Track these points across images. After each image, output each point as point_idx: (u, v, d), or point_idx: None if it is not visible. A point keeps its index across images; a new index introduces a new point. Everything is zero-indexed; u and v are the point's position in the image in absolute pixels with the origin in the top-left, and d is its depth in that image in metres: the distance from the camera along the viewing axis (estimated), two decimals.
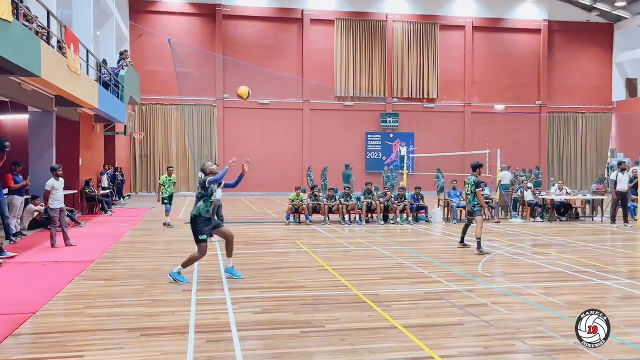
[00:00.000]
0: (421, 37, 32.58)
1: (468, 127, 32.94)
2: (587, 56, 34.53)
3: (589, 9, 33.92)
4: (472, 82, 33.20)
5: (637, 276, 8.90)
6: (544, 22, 33.59)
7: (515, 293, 7.53)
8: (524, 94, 33.73)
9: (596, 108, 34.56)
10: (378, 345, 5.38)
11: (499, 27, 33.53)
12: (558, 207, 17.93)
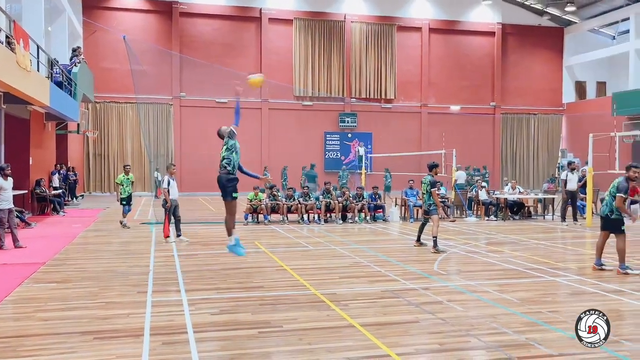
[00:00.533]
0: (379, 38, 32.89)
1: (425, 127, 33.43)
2: (539, 59, 35.52)
3: (540, 13, 34.90)
4: (429, 83, 33.71)
5: (586, 273, 9.21)
6: (498, 26, 34.39)
7: (470, 290, 7.68)
8: (478, 95, 34.45)
9: (547, 110, 35.59)
10: (336, 345, 5.40)
11: (455, 30, 34.16)
12: (511, 206, 18.39)
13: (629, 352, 5.17)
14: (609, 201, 8.99)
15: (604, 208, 9.11)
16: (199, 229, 14.94)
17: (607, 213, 8.99)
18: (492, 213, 18.17)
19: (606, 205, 9.07)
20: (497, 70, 34.52)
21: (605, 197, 9.17)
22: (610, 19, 33.05)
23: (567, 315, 6.45)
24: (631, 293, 7.52)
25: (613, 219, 8.92)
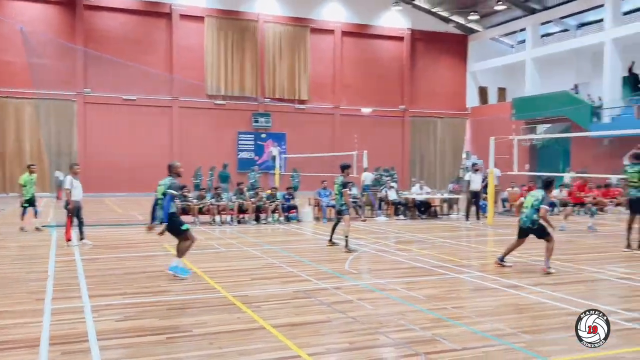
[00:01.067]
0: (292, 39, 33.00)
1: (337, 128, 33.91)
2: (445, 64, 37.03)
3: (446, 21, 36.41)
4: (342, 86, 34.23)
5: (488, 269, 9.67)
6: (408, 31, 35.51)
7: (379, 289, 7.84)
8: (389, 98, 35.39)
9: (453, 113, 37.17)
10: (247, 347, 5.33)
11: (367, 34, 34.90)
12: (419, 205, 19.02)
13: (526, 343, 5.46)
14: (530, 213, 9.04)
15: (525, 220, 9.14)
16: (104, 232, 14.30)
17: (529, 225, 9.09)
18: (401, 212, 18.71)
19: (527, 218, 9.11)
20: (406, 74, 35.63)
21: (524, 209, 9.20)
22: (509, 29, 35.03)
23: (470, 310, 6.73)
24: (528, 288, 7.97)
25: (536, 229, 9.06)
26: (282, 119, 32.77)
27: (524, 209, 9.19)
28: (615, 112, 27.07)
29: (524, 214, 9.18)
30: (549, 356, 5.08)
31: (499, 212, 20.33)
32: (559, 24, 33.24)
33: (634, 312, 6.60)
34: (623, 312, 6.64)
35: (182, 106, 30.94)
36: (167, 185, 8.50)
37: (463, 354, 5.16)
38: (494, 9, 32.61)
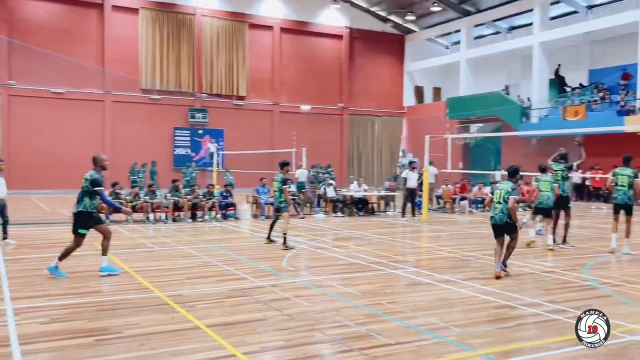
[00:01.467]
0: (230, 34, 32.57)
1: (276, 125, 33.77)
2: (383, 63, 37.55)
3: (384, 20, 36.93)
4: (281, 82, 34.11)
5: (422, 265, 9.88)
6: (346, 29, 35.77)
7: (316, 285, 7.86)
8: (328, 96, 35.56)
9: (390, 112, 37.76)
10: (180, 348, 5.21)
11: (306, 31, 34.90)
12: (357, 202, 19.22)
13: (457, 336, 5.60)
14: (505, 207, 8.49)
15: (501, 216, 8.55)
16: (29, 231, 13.66)
17: (506, 220, 8.53)
18: (339, 210, 18.85)
19: (502, 213, 8.54)
20: (345, 73, 35.90)
21: (497, 205, 8.61)
22: (444, 30, 35.92)
23: (404, 305, 6.85)
24: (460, 282, 8.19)
25: (511, 224, 8.55)
26: (220, 115, 32.30)
27: (496, 204, 8.61)
28: (543, 113, 28.27)
29: (498, 209, 8.59)
30: (477, 348, 5.23)
31: (434, 208, 20.82)
32: (492, 26, 34.39)
33: (557, 304, 6.90)
34: (547, 304, 6.92)
35: (115, 100, 29.94)
36: (88, 179, 8.39)
37: (396, 348, 5.24)
38: (430, 10, 33.34)
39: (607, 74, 27.58)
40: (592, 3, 29.20)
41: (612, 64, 27.56)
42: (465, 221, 17.66)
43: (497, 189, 8.72)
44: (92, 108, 29.53)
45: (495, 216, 8.63)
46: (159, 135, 30.94)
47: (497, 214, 8.60)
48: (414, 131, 36.38)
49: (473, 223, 16.99)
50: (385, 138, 37.65)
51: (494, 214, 8.66)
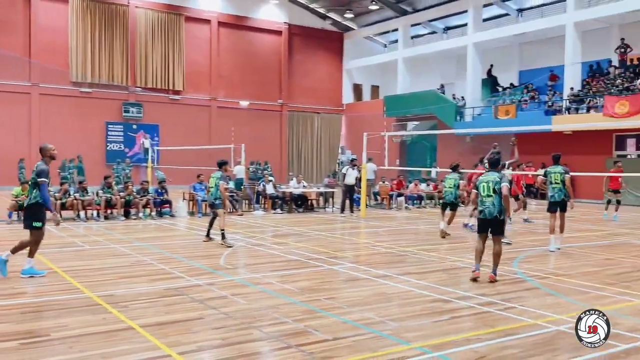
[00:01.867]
0: (166, 27, 31.80)
1: (214, 121, 33.28)
2: (322, 60, 37.69)
3: (323, 17, 37.07)
4: (219, 77, 33.62)
5: (360, 260, 9.99)
6: (285, 25, 35.66)
7: (254, 283, 7.79)
8: (267, 92, 35.35)
9: (329, 109, 37.98)
10: (112, 349, 5.03)
11: (244, 25, 34.54)
12: (296, 199, 19.22)
13: (392, 330, 5.68)
14: (497, 201, 7.81)
15: (492, 209, 7.84)
16: None
17: (496, 215, 7.87)
18: (278, 206, 18.79)
19: (494, 206, 7.82)
20: (284, 69, 35.78)
21: (486, 199, 7.90)
22: (382, 29, 36.44)
23: (342, 300, 6.89)
24: (396, 277, 8.32)
25: (502, 220, 7.94)
26: (155, 110, 31.51)
27: (486, 197, 7.88)
28: (477, 112, 29.17)
29: (488, 202, 7.87)
30: (412, 342, 5.32)
31: (371, 205, 21.10)
32: (428, 26, 35.16)
33: (488, 297, 7.12)
34: (479, 297, 7.14)
35: (42, 93, 28.66)
36: (34, 170, 8.05)
37: (334, 344, 5.25)
38: (368, 8, 33.73)
39: (536, 74, 28.76)
40: (522, 6, 30.35)
41: (541, 65, 28.77)
42: (402, 217, 18.00)
43: (482, 182, 7.99)
44: (19, 101, 28.17)
45: (486, 210, 7.89)
46: (91, 130, 29.87)
47: (487, 207, 7.87)
48: (352, 128, 36.76)
49: (409, 219, 17.33)
50: (324, 135, 37.84)
51: (483, 207, 7.92)
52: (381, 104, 33.96)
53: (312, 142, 37.56)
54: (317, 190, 20.99)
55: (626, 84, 23.42)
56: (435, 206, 21.14)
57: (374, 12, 34.57)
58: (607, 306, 6.70)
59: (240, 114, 33.86)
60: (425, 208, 20.87)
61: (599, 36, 26.18)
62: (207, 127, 33.02)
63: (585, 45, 25.40)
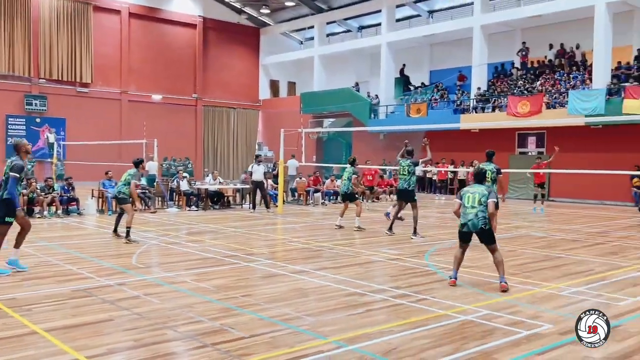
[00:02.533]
0: (72, 17, 30.24)
1: (125, 115, 32.07)
2: (238, 55, 37.25)
3: (239, 12, 36.64)
4: (129, 70, 32.41)
5: (276, 257, 10.00)
6: (199, 18, 34.92)
7: (168, 282, 7.60)
8: (181, 86, 34.50)
9: (246, 104, 37.64)
10: (14, 356, 4.75)
11: (157, 17, 33.49)
12: (212, 196, 18.92)
13: (309, 325, 5.74)
14: (483, 212, 7.43)
15: (476, 221, 7.44)
16: None
17: (482, 226, 7.44)
18: (193, 203, 18.43)
19: (477, 217, 7.45)
20: (199, 63, 35.05)
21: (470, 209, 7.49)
22: (298, 25, 36.56)
23: (259, 297, 6.87)
24: (313, 272, 8.40)
25: (488, 230, 7.48)
26: (61, 103, 29.92)
27: (470, 209, 7.50)
28: (390, 110, 29.95)
29: (472, 214, 7.47)
30: (329, 336, 5.40)
31: (288, 201, 21.17)
32: (343, 24, 35.65)
33: (401, 289, 7.35)
34: (392, 289, 7.36)
35: None
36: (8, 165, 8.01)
37: (250, 341, 5.23)
38: (284, 4, 33.72)
39: (446, 74, 29.93)
40: (433, 8, 31.45)
41: (450, 66, 29.97)
42: (319, 213, 18.19)
43: (467, 192, 7.65)
44: None
45: (469, 222, 7.48)
46: None
47: (471, 219, 7.47)
48: (269, 124, 36.66)
49: (326, 214, 17.54)
50: (241, 130, 37.49)
51: (466, 220, 7.51)
52: (298, 100, 34.09)
53: (228, 138, 37.09)
54: (234, 186, 20.76)
55: (527, 85, 24.87)
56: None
57: (290, 8, 34.60)
58: (510, 295, 7.11)
59: (153, 108, 32.86)
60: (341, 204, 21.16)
61: (504, 39, 27.63)
62: (117, 121, 31.78)
63: (491, 47, 26.73)
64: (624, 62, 22.80)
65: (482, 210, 7.43)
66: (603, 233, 13.56)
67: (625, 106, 19.72)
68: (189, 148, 34.00)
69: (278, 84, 39.29)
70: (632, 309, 6.45)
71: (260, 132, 38.33)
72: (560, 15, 24.48)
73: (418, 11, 31.57)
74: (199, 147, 35.41)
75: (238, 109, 37.23)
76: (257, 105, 38.25)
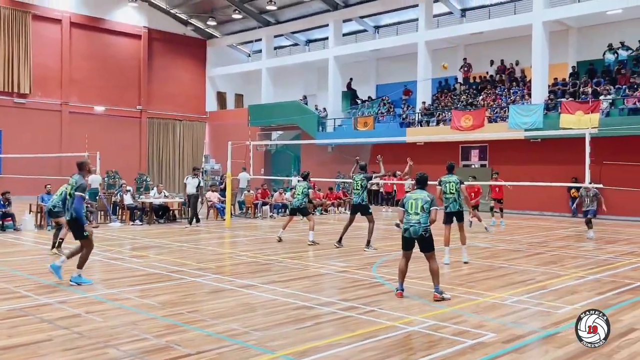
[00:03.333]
0: (10, 25, 29.13)
1: (66, 127, 31.06)
2: (184, 67, 36.77)
3: (185, 23, 36.25)
4: (71, 81, 31.46)
5: (224, 271, 9.86)
6: (144, 29, 34.30)
7: (111, 299, 7.37)
8: (125, 98, 33.72)
9: (192, 117, 37.12)
10: None
11: (100, 27, 32.68)
12: (157, 209, 18.52)
13: (257, 340, 5.67)
14: (425, 219, 7.54)
15: (417, 227, 7.54)
16: None
17: (422, 233, 7.56)
18: (138, 217, 17.98)
19: (419, 224, 7.54)
20: (143, 74, 34.37)
21: (413, 216, 7.61)
22: (246, 38, 36.49)
23: (206, 313, 6.75)
24: (261, 286, 8.32)
25: (428, 237, 7.60)
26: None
27: (413, 215, 7.59)
28: (338, 123, 30.21)
29: (414, 220, 7.58)
30: (276, 350, 5.35)
31: (236, 214, 20.97)
32: (291, 38, 35.82)
33: (349, 302, 7.38)
34: (340, 302, 7.37)
35: None
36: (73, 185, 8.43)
37: (197, 358, 5.12)
38: (231, 17, 33.58)
39: (392, 89, 30.49)
40: (379, 24, 32.04)
41: (396, 80, 30.55)
42: (267, 226, 18.08)
43: (410, 199, 7.71)
44: None
45: (410, 228, 7.58)
46: None
47: (412, 225, 7.57)
48: (217, 137, 36.29)
49: (274, 227, 17.42)
50: (187, 143, 36.93)
51: (408, 226, 7.62)
52: (245, 112, 33.92)
53: (174, 150, 36.44)
54: (180, 200, 20.36)
55: (470, 100, 25.62)
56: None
57: (237, 21, 34.51)
58: (455, 305, 7.25)
59: (96, 120, 31.98)
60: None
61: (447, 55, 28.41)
62: (57, 133, 30.74)
63: (435, 62, 27.41)
64: (560, 78, 23.84)
65: (424, 217, 7.54)
66: (543, 243, 14.04)
67: (562, 121, 20.57)
68: (133, 161, 33.22)
69: (225, 96, 39.01)
70: (571, 316, 6.68)
71: (207, 144, 37.89)
72: (501, 32, 25.43)
73: (364, 26, 32.09)
74: (143, 159, 34.63)
75: (184, 121, 36.68)
76: (203, 118, 37.81)
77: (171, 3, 34.52)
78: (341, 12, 30.49)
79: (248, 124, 32.68)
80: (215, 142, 36.61)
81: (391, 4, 28.70)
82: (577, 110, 20.41)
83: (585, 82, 22.45)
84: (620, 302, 7.52)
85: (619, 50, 22.90)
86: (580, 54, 24.65)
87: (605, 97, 21.07)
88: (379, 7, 29.19)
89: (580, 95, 22.10)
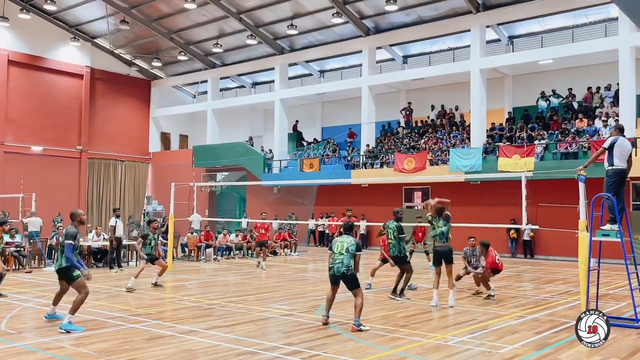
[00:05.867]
0: None
1: (1, 167, 29.83)
2: (128, 107, 36.17)
3: (129, 64, 35.90)
4: (7, 119, 30.35)
5: (164, 317, 9.54)
6: (87, 69, 33.70)
7: (43, 348, 6.99)
8: (65, 137, 32.76)
9: (135, 157, 36.37)
10: None
11: (40, 66, 31.88)
12: (95, 253, 17.86)
13: None
14: (348, 260, 8.51)
15: (340, 266, 8.52)
16: None
17: (344, 270, 8.51)
18: None
19: (341, 263, 8.53)
20: (85, 114, 33.56)
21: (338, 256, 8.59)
22: (192, 79, 36.39)
23: None
24: (203, 332, 8.10)
25: (350, 275, 8.52)
26: None
27: (338, 255, 8.59)
28: (284, 164, 30.29)
29: (338, 260, 8.56)
30: None
31: (179, 257, 20.48)
32: (237, 80, 36.01)
33: (294, 346, 7.27)
34: (285, 346, 7.25)
35: None
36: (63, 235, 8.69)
37: None
38: (177, 58, 33.53)
39: (337, 131, 30.95)
40: (324, 68, 32.71)
41: (341, 123, 31.08)
42: (211, 269, 17.72)
43: (337, 242, 8.79)
44: None
45: (334, 267, 8.60)
46: None
47: (336, 264, 8.58)
48: (160, 178, 35.63)
49: (218, 270, 17.12)
50: (129, 184, 36.03)
51: (333, 264, 8.63)
52: (190, 153, 33.57)
53: (115, 192, 35.44)
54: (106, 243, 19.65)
55: (412, 143, 26.30)
56: (244, 257, 21.25)
57: (183, 62, 34.47)
58: (400, 347, 7.25)
59: (33, 160, 30.84)
60: (234, 259, 20.82)
61: (390, 99, 29.22)
62: None
63: (379, 106, 28.10)
64: (497, 123, 24.85)
65: (347, 257, 8.54)
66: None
67: (499, 164, 21.34)
68: (71, 202, 31.97)
69: (169, 137, 38.55)
70: (512, 355, 6.79)
71: (150, 185, 37.11)
72: (441, 78, 26.42)
73: (310, 70, 32.67)
74: (82, 200, 33.47)
75: (126, 162, 35.86)
76: (146, 158, 37.12)
77: (115, 43, 34.17)
78: (287, 56, 30.99)
79: (193, 164, 32.32)
80: (158, 183, 35.91)
81: (336, 50, 29.40)
82: (513, 154, 21.25)
83: (521, 127, 23.48)
84: (557, 340, 7.71)
85: (550, 98, 24.16)
86: (515, 100, 25.85)
87: (540, 142, 22.08)
88: (324, 52, 29.84)
89: (517, 139, 23.07)
